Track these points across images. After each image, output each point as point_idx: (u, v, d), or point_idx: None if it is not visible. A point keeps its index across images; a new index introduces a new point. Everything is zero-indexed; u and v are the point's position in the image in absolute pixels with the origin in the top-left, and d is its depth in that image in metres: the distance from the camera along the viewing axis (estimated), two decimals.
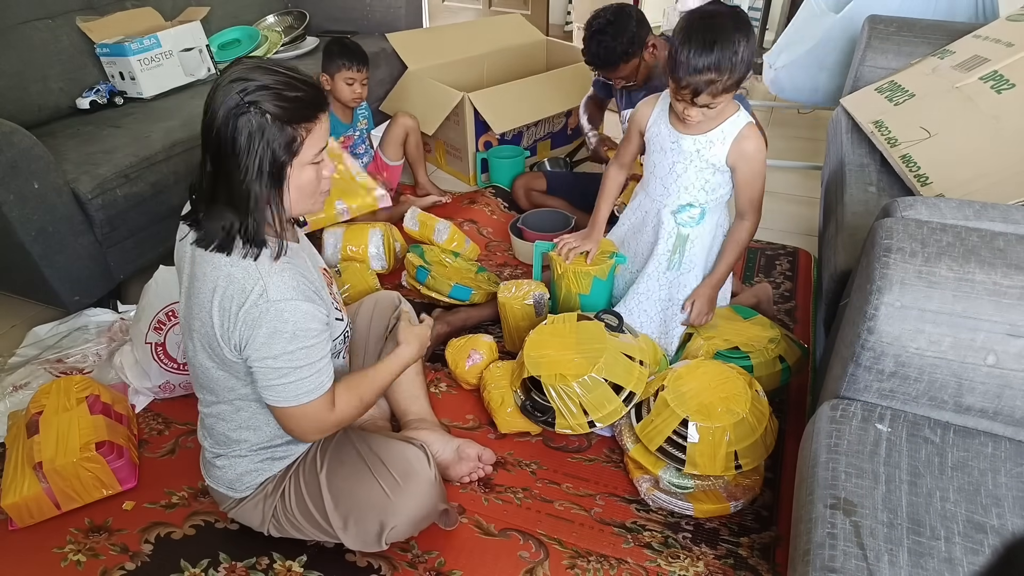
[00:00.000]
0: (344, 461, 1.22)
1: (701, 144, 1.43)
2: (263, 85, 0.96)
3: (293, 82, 0.99)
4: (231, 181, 0.99)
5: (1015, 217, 1.10)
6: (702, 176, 1.47)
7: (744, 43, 1.27)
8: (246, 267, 1.02)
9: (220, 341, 1.04)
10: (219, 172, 1.00)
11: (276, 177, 1.01)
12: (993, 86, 1.62)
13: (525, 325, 1.72)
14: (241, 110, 0.95)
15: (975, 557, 0.85)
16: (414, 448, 1.22)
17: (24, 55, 2.08)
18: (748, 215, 1.51)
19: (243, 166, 0.98)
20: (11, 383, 1.69)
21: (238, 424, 1.16)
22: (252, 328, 1.01)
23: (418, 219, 2.23)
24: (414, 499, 1.18)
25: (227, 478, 1.22)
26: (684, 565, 1.27)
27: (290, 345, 1.03)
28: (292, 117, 0.98)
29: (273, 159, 0.99)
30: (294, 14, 2.92)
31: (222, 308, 1.02)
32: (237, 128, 0.96)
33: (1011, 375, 0.94)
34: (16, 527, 1.36)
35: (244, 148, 0.97)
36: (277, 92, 0.97)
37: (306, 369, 1.06)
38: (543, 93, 2.68)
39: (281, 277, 1.03)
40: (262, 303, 1.00)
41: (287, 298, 1.02)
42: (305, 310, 1.04)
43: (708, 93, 1.30)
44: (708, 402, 1.31)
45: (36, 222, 1.66)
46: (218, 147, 0.98)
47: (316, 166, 1.06)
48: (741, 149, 1.42)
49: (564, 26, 4.45)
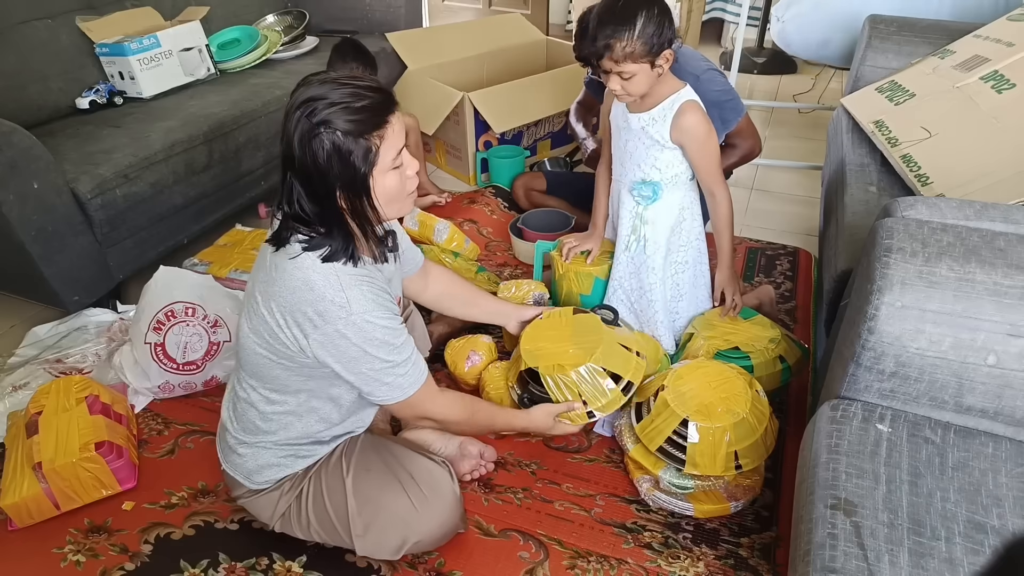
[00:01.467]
0: (371, 469, 1.21)
1: (645, 121, 1.47)
2: (330, 103, 0.97)
3: (359, 91, 0.99)
4: (322, 201, 1.01)
5: (1016, 217, 1.10)
6: (651, 153, 1.50)
7: (644, 14, 1.30)
8: (327, 275, 1.02)
9: (286, 342, 1.05)
10: (309, 194, 1.01)
11: (361, 189, 1.02)
12: (994, 86, 1.62)
13: None
14: (313, 133, 0.97)
15: (976, 557, 0.85)
16: (437, 465, 1.24)
17: (24, 55, 2.08)
18: (714, 190, 1.53)
19: (328, 185, 1.00)
20: (11, 383, 1.69)
21: (273, 415, 1.16)
22: (341, 339, 1.03)
23: (418, 219, 2.23)
24: (440, 515, 1.19)
25: (247, 467, 1.21)
26: (684, 565, 1.27)
27: (382, 352, 1.07)
28: (363, 129, 0.98)
29: (353, 174, 1.00)
30: (294, 13, 2.92)
31: (302, 312, 1.03)
32: (313, 152, 0.97)
33: (1012, 375, 0.94)
34: (16, 527, 1.36)
35: (325, 169, 0.98)
36: (344, 106, 0.97)
37: (402, 366, 1.10)
38: (543, 93, 2.68)
39: (361, 290, 1.04)
40: (346, 316, 1.02)
41: (371, 311, 1.04)
42: (388, 319, 1.07)
43: (608, 58, 1.34)
44: (708, 402, 1.31)
45: (36, 222, 1.66)
46: (302, 172, 1.00)
47: (398, 170, 1.05)
48: (680, 125, 1.44)
49: (564, 26, 4.46)
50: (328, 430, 1.22)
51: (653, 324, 1.63)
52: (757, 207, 2.49)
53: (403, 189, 1.09)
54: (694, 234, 1.61)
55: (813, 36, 2.52)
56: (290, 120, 0.98)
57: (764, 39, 3.93)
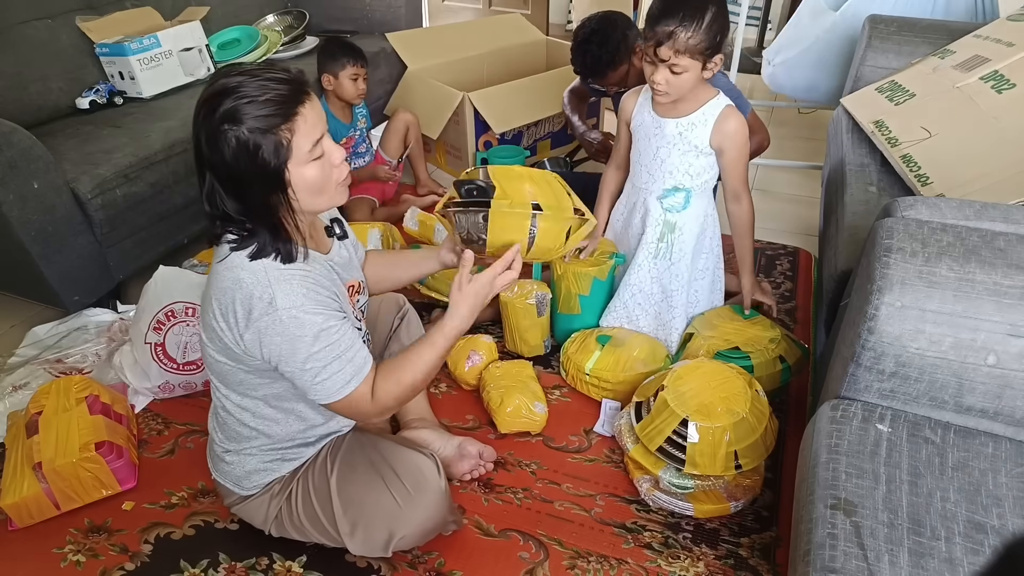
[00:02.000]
0: (355, 467, 1.21)
1: (684, 127, 1.45)
2: (234, 98, 0.94)
3: (266, 84, 0.95)
4: (241, 198, 0.99)
5: (1016, 217, 1.10)
6: (685, 160, 1.49)
7: (713, 10, 1.29)
8: (255, 272, 1.00)
9: (229, 344, 1.04)
10: (227, 192, 0.99)
11: (276, 185, 0.99)
12: (994, 86, 1.62)
13: (526, 325, 1.72)
14: (218, 131, 0.94)
15: (975, 557, 0.85)
16: (426, 458, 1.21)
17: (24, 55, 2.08)
18: (742, 195, 1.54)
19: (243, 182, 0.97)
20: (10, 383, 1.69)
21: (250, 421, 1.16)
22: (268, 336, 1.01)
23: (418, 219, 2.23)
24: (425, 510, 1.18)
25: (235, 474, 1.21)
26: (684, 565, 1.27)
27: (313, 347, 1.02)
28: (271, 123, 0.95)
29: (266, 169, 0.97)
30: (294, 14, 2.92)
31: (233, 311, 1.02)
32: (220, 150, 0.95)
33: (1012, 375, 0.94)
34: (16, 527, 1.35)
35: (235, 166, 0.96)
36: (249, 100, 0.94)
37: (335, 364, 1.04)
38: (543, 93, 2.67)
39: (290, 285, 1.01)
40: (271, 312, 0.99)
41: (296, 305, 1.00)
42: (318, 312, 1.02)
43: (669, 46, 1.31)
44: (708, 402, 1.31)
45: (35, 222, 1.66)
46: (215, 170, 0.98)
47: (318, 160, 1.02)
48: (723, 130, 1.44)
49: (564, 26, 4.45)
50: (311, 430, 1.22)
51: (669, 330, 1.65)
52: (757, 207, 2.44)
53: (328, 179, 1.04)
54: (716, 240, 1.63)
55: (801, 80, 2.62)
56: (197, 118, 0.96)
57: (764, 39, 3.93)
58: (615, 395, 1.60)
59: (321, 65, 2.22)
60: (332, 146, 1.04)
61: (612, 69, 1.83)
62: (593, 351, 1.61)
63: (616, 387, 1.59)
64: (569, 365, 1.66)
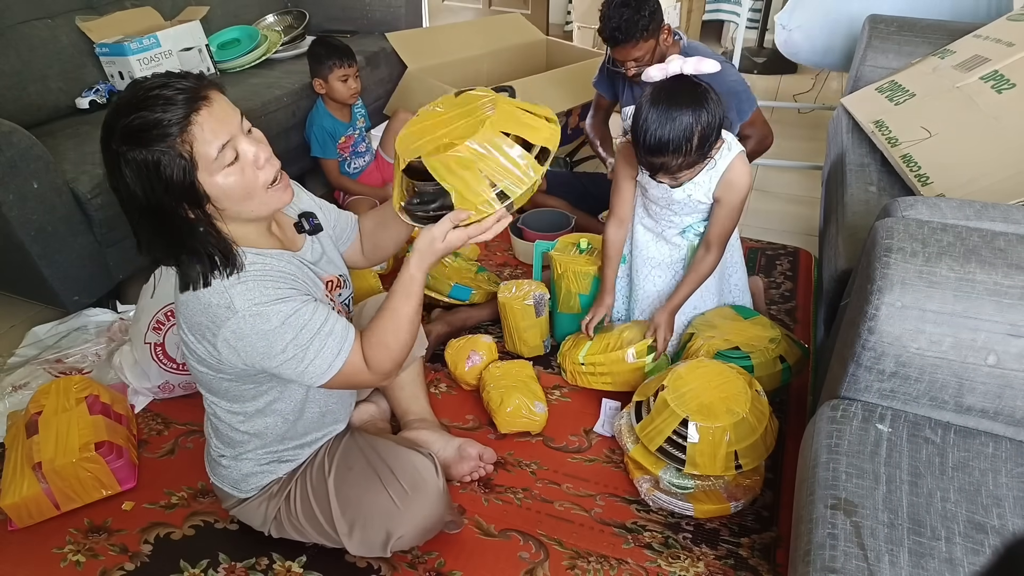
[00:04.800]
0: (352, 467, 1.21)
1: (690, 189, 1.44)
2: (121, 123, 0.88)
3: (149, 97, 0.88)
4: (164, 227, 0.95)
5: (1016, 217, 1.10)
6: (697, 210, 1.50)
7: (699, 128, 1.25)
8: (216, 288, 0.97)
9: (205, 357, 1.03)
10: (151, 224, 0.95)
11: (194, 201, 0.93)
12: (994, 86, 1.62)
13: (525, 325, 1.72)
14: (115, 161, 0.90)
15: (976, 557, 0.85)
16: (423, 457, 1.21)
17: (24, 55, 2.07)
18: (713, 249, 1.50)
19: (163, 208, 0.92)
20: (10, 383, 1.69)
21: (241, 426, 1.16)
22: (240, 341, 0.98)
23: None
24: (422, 509, 1.17)
25: (232, 477, 1.21)
26: (684, 566, 1.27)
27: (287, 335, 0.99)
28: (159, 137, 0.88)
29: (176, 188, 0.91)
30: (294, 13, 2.92)
31: (199, 328, 1.00)
32: (126, 182, 0.90)
33: (1012, 375, 0.94)
34: (15, 527, 1.35)
35: (147, 193, 0.91)
36: (133, 118, 0.88)
37: (317, 342, 1.01)
38: (543, 92, 2.67)
39: (245, 285, 0.98)
40: (232, 317, 0.97)
41: (256, 302, 0.97)
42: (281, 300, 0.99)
43: (664, 173, 1.32)
44: (708, 402, 1.31)
45: (35, 222, 1.65)
46: (131, 203, 0.94)
47: (234, 165, 0.94)
48: (730, 181, 1.41)
49: (564, 26, 4.45)
50: (306, 434, 1.22)
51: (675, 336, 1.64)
52: (757, 207, 2.48)
53: (252, 182, 0.97)
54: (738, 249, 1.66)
55: (820, 43, 2.49)
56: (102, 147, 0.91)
57: (764, 39, 3.93)
58: (612, 380, 1.60)
59: (310, 69, 2.23)
60: (248, 147, 0.96)
61: (644, 38, 1.76)
62: (585, 342, 1.63)
63: (611, 370, 1.58)
64: (565, 362, 1.67)
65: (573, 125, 2.85)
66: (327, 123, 2.28)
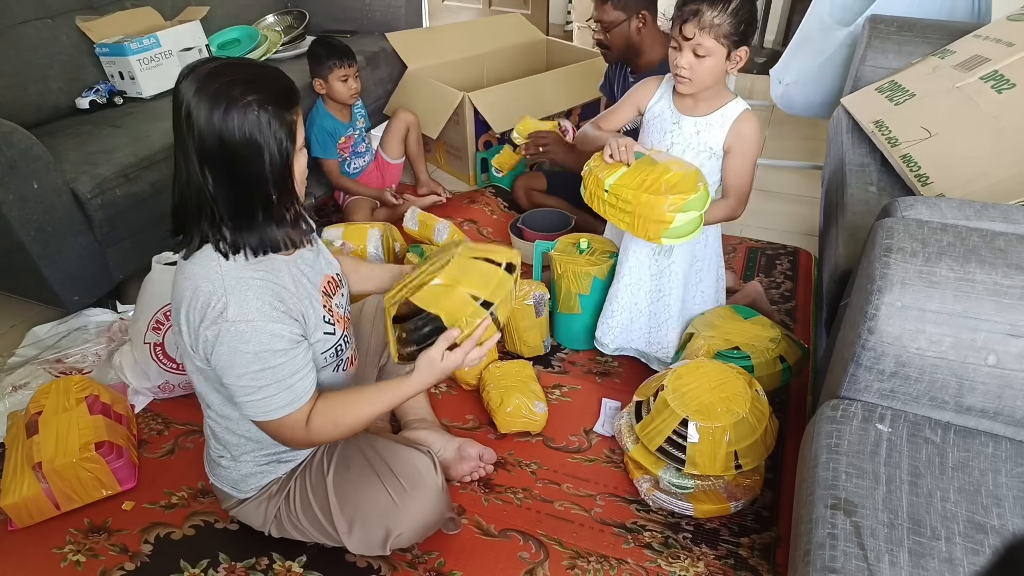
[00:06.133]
0: (351, 465, 1.21)
1: (701, 126, 1.44)
2: (245, 80, 0.93)
3: (265, 71, 0.97)
4: (237, 190, 0.97)
5: (1016, 217, 1.10)
6: (698, 159, 1.47)
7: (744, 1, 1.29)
8: (212, 279, 0.98)
9: (190, 351, 1.03)
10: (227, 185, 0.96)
11: (285, 170, 0.98)
12: (994, 86, 1.62)
13: (525, 326, 1.72)
14: (238, 110, 0.91)
15: (976, 557, 0.85)
16: (422, 455, 1.21)
17: (24, 55, 2.07)
18: (730, 198, 1.48)
19: (250, 169, 0.95)
20: (11, 383, 1.69)
21: (236, 428, 1.15)
22: (213, 345, 0.98)
23: (418, 219, 2.23)
24: (421, 507, 1.17)
25: (231, 478, 1.21)
26: (684, 565, 1.27)
27: (253, 365, 0.99)
28: (288, 104, 0.96)
29: (279, 150, 0.96)
30: (294, 14, 2.92)
31: (188, 321, 1.00)
32: (240, 130, 0.92)
33: (1012, 375, 0.94)
34: (16, 527, 1.35)
35: (254, 148, 0.93)
36: (262, 83, 0.94)
37: (274, 387, 1.01)
38: (543, 93, 2.67)
39: (245, 296, 0.98)
40: (220, 321, 0.96)
41: (247, 319, 0.97)
42: (270, 331, 0.98)
43: (694, 23, 1.31)
44: (708, 402, 1.31)
45: (35, 222, 1.65)
46: (222, 158, 0.94)
47: (303, 152, 1.04)
48: (739, 131, 1.42)
49: (564, 26, 4.45)
50: None
51: (666, 328, 1.62)
52: (757, 207, 2.47)
53: (304, 171, 1.05)
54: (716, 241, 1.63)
55: (816, 98, 2.50)
56: (200, 104, 0.92)
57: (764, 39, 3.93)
58: (631, 222, 1.39)
59: (310, 69, 2.23)
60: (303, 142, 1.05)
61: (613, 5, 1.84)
62: (620, 167, 1.41)
63: (637, 212, 1.36)
64: (589, 180, 1.46)
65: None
66: (327, 123, 2.28)
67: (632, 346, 1.70)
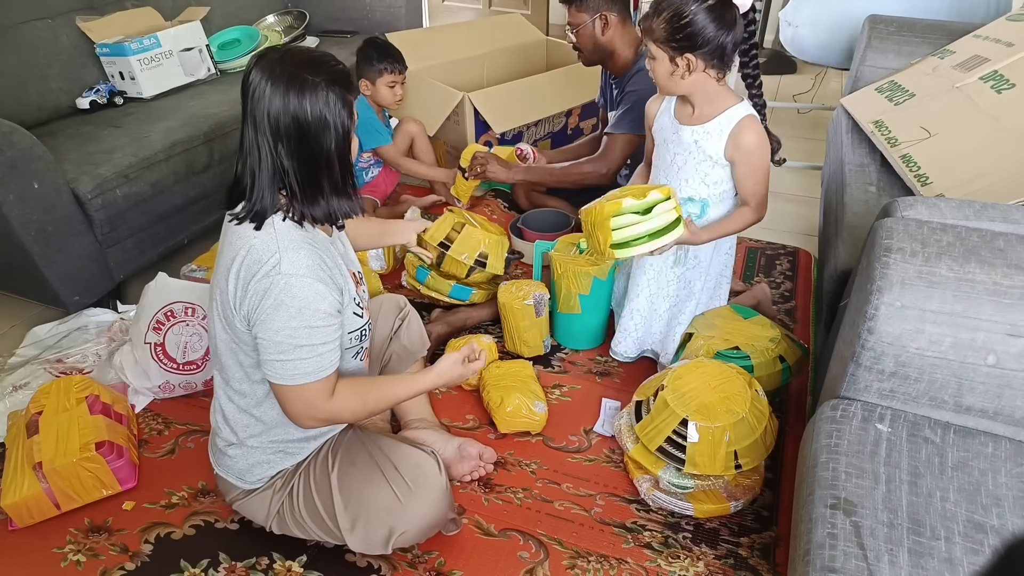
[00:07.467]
0: (356, 462, 1.21)
1: (699, 135, 1.43)
2: (311, 64, 1.01)
3: (326, 57, 1.05)
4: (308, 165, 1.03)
5: (1015, 217, 1.10)
6: (701, 169, 1.46)
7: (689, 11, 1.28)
8: (266, 239, 1.03)
9: (233, 310, 1.05)
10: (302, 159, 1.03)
11: (346, 147, 1.06)
12: (993, 86, 1.62)
13: (524, 325, 1.72)
14: (309, 91, 0.99)
15: (975, 557, 0.85)
16: (426, 455, 1.22)
17: (24, 55, 2.08)
18: (750, 204, 1.48)
19: (324, 144, 1.03)
20: (11, 383, 1.69)
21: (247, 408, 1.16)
22: (260, 298, 1.02)
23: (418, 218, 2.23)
24: (425, 507, 1.18)
25: (237, 468, 1.21)
26: (684, 565, 1.27)
27: (293, 321, 1.02)
28: (346, 85, 1.03)
29: (343, 128, 1.04)
30: (294, 14, 2.92)
31: (238, 276, 1.03)
32: (313, 108, 1.00)
33: (1011, 375, 0.94)
34: (16, 527, 1.35)
35: (323, 125, 1.01)
36: (325, 67, 1.02)
37: (307, 349, 1.04)
38: (543, 93, 2.67)
39: (297, 254, 1.03)
40: (273, 274, 1.01)
41: (299, 273, 1.02)
42: (316, 289, 1.03)
43: (646, 31, 1.35)
44: (708, 402, 1.31)
45: (36, 222, 1.66)
46: (296, 135, 1.01)
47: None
48: (737, 143, 1.40)
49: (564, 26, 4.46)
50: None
51: (674, 334, 1.62)
52: None
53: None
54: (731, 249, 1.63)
55: (828, 40, 2.45)
56: (273, 82, 0.99)
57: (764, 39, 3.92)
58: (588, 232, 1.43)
59: (358, 68, 2.18)
60: None
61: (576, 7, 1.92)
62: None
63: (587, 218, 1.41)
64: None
65: (573, 125, 2.86)
66: (371, 115, 2.23)
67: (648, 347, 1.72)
